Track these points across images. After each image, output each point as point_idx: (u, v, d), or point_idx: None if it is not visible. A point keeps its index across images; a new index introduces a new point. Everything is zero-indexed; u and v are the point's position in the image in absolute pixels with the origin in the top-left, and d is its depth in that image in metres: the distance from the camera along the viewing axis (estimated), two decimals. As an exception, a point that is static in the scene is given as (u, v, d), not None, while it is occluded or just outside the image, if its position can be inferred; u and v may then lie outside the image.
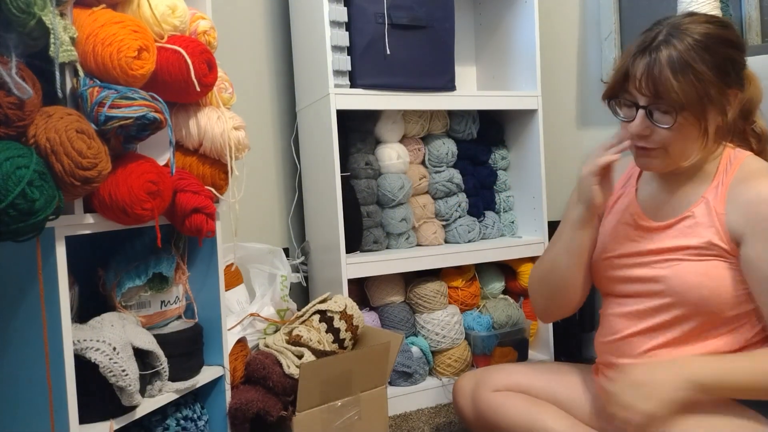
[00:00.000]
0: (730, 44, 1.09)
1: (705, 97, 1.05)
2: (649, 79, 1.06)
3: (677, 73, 1.04)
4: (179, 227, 1.21)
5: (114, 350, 1.04)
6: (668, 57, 1.05)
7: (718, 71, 1.06)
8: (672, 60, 1.05)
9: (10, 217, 0.85)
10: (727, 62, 1.07)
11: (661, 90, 1.05)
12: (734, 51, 1.09)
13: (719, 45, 1.07)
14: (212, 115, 1.28)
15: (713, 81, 1.05)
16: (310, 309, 1.55)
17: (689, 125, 1.07)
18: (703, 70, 1.04)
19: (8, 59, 0.87)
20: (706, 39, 1.06)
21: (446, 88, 2.00)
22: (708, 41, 1.06)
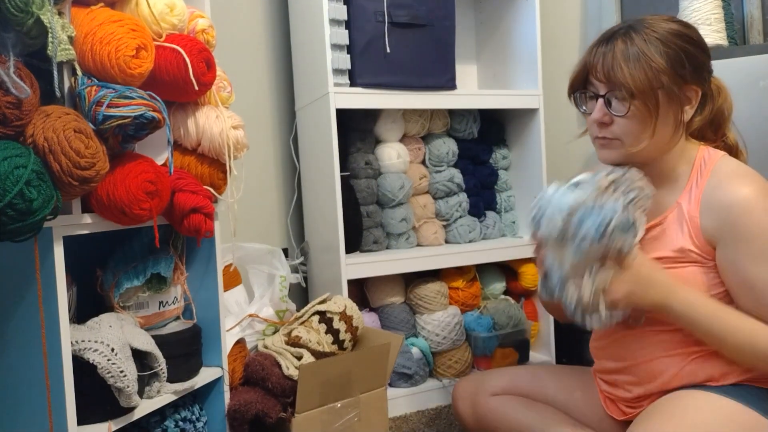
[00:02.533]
0: (688, 40, 1.10)
1: (656, 85, 1.06)
2: (603, 66, 1.09)
3: (629, 60, 1.07)
4: (177, 227, 1.21)
5: (112, 351, 1.03)
6: (623, 46, 1.08)
7: (672, 62, 1.07)
8: (626, 48, 1.08)
9: (8, 217, 0.85)
10: (683, 55, 1.08)
11: (613, 76, 1.08)
12: (694, 48, 1.10)
13: (676, 38, 1.09)
14: (211, 114, 1.27)
15: (665, 70, 1.06)
16: (310, 310, 1.55)
17: (644, 114, 1.08)
18: (655, 58, 1.06)
19: (6, 58, 0.86)
20: (664, 32, 1.09)
21: (447, 87, 2.00)
22: (665, 34, 1.08)
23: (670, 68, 1.07)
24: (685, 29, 1.12)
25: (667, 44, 1.08)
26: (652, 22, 1.11)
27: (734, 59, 1.78)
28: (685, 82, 1.09)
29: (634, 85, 1.06)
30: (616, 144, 1.13)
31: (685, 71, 1.09)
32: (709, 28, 1.86)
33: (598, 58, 1.11)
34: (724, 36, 1.88)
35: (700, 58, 1.12)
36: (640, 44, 1.07)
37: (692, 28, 1.13)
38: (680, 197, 1.14)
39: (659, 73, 1.06)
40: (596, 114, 1.13)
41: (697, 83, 1.11)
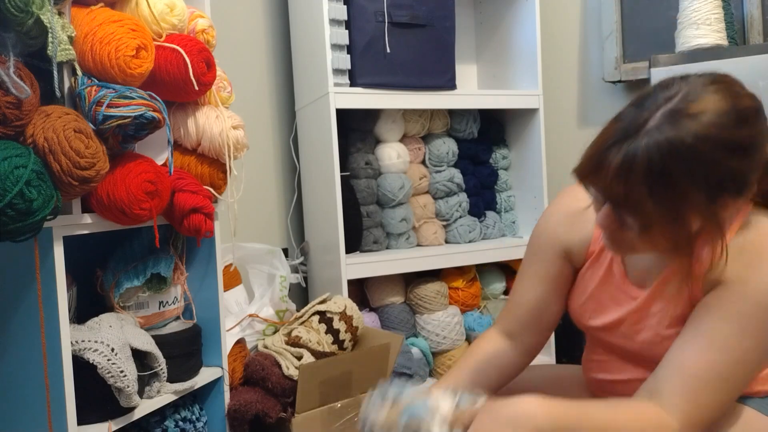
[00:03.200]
0: (739, 150, 0.81)
1: (681, 217, 0.82)
2: (619, 182, 0.82)
3: (653, 186, 0.80)
4: (177, 227, 1.21)
5: (112, 351, 1.03)
6: (647, 161, 0.80)
7: (710, 188, 0.80)
8: (651, 166, 0.79)
9: (8, 217, 0.85)
10: (729, 176, 0.81)
11: (629, 200, 0.83)
12: (744, 159, 0.81)
13: (722, 152, 0.80)
14: (211, 114, 1.27)
15: (699, 201, 0.81)
16: (310, 310, 1.55)
17: (660, 237, 0.85)
18: (687, 188, 0.80)
19: (6, 58, 0.86)
20: (706, 143, 0.79)
21: (447, 87, 2.00)
22: (707, 148, 0.79)
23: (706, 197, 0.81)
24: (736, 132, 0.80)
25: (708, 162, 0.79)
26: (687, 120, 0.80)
27: (734, 59, 1.78)
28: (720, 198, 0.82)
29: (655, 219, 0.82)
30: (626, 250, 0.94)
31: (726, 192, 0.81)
32: (708, 28, 1.86)
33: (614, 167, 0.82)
34: (724, 36, 1.88)
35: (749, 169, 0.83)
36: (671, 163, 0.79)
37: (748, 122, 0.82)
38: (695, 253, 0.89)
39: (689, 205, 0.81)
40: (602, 220, 0.89)
41: (738, 194, 0.83)
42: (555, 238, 1.09)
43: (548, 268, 1.10)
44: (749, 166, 0.82)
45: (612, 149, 0.83)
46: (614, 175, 0.82)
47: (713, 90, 0.83)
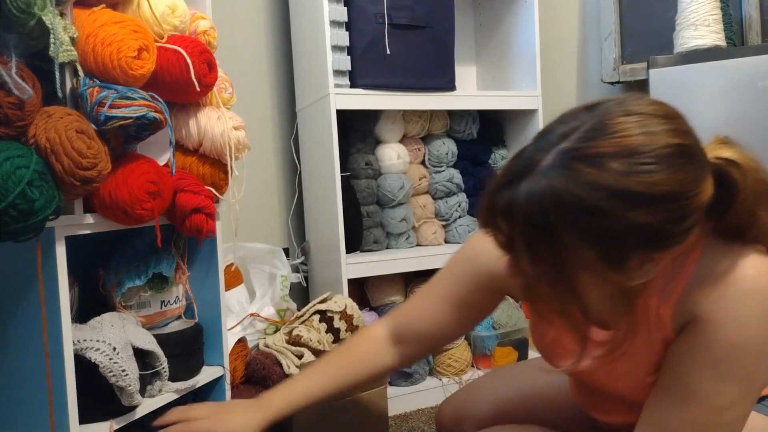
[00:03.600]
0: (647, 201, 0.66)
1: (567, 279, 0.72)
2: (501, 230, 0.74)
3: (532, 239, 0.70)
4: (179, 227, 1.21)
5: (114, 350, 1.03)
6: (527, 210, 0.69)
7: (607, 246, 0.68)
8: (530, 216, 0.69)
9: (10, 217, 0.85)
10: (634, 232, 0.67)
11: (512, 251, 0.74)
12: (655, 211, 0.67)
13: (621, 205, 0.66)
14: (212, 115, 1.28)
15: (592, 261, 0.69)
16: (310, 309, 1.55)
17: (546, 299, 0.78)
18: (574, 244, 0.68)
19: (8, 59, 0.87)
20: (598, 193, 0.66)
21: (446, 88, 2.00)
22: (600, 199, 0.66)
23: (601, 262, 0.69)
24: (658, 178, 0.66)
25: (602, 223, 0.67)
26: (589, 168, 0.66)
27: (733, 60, 1.79)
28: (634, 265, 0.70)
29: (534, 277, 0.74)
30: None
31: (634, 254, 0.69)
32: (707, 29, 1.86)
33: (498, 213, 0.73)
34: (723, 37, 1.89)
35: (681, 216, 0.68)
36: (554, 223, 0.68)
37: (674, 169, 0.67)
38: (647, 288, 0.78)
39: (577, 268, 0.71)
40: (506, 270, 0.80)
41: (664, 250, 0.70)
42: (483, 268, 0.99)
43: (464, 296, 1.02)
44: (666, 217, 0.67)
45: (500, 191, 0.73)
46: (499, 221, 0.73)
47: (620, 125, 0.68)
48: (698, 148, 0.71)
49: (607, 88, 2.37)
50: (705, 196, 0.69)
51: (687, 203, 0.67)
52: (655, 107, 0.71)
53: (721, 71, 1.79)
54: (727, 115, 1.79)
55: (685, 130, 0.71)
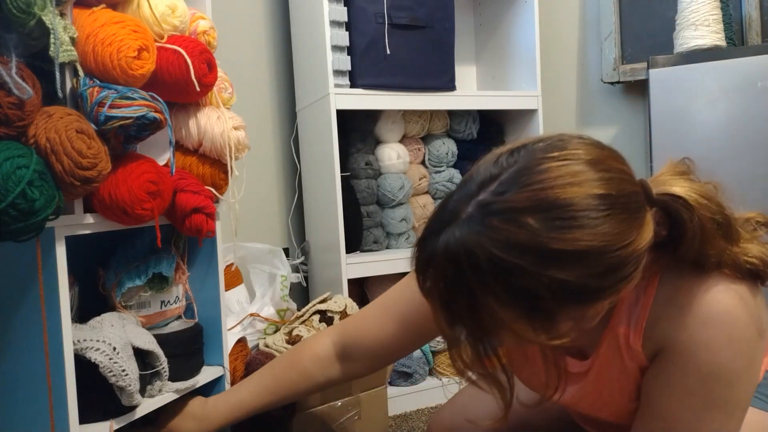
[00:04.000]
0: (566, 259, 0.62)
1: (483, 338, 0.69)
2: (422, 281, 0.71)
3: (446, 296, 0.67)
4: (179, 227, 1.21)
5: (114, 350, 1.03)
6: (442, 265, 0.66)
7: (527, 304, 0.64)
8: (445, 270, 0.66)
9: (10, 217, 0.85)
10: (555, 289, 0.63)
11: (430, 301, 0.71)
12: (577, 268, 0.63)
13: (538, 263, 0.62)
14: (212, 115, 1.28)
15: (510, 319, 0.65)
16: (310, 309, 1.55)
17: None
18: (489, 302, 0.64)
19: (8, 59, 0.87)
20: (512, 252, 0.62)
21: (446, 88, 2.00)
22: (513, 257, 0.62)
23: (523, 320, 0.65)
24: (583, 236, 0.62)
25: (520, 282, 0.63)
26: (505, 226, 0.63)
27: (733, 60, 1.79)
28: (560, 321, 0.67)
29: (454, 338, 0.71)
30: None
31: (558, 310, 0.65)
32: (707, 29, 1.86)
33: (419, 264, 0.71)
34: (723, 37, 1.89)
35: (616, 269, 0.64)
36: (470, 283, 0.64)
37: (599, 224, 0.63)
38: (613, 318, 0.78)
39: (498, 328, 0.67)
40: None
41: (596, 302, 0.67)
42: None
43: (417, 319, 0.98)
44: (591, 273, 0.63)
45: (424, 242, 0.70)
46: (418, 273, 0.70)
47: (539, 175, 0.64)
48: (629, 194, 0.66)
49: (607, 88, 2.37)
50: (642, 243, 0.66)
51: (617, 255, 0.63)
52: (583, 151, 0.66)
53: (721, 71, 1.79)
54: (727, 115, 1.79)
55: (615, 177, 0.65)
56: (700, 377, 0.72)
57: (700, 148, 1.81)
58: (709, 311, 0.71)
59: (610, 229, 0.62)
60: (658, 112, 1.87)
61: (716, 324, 0.70)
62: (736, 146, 1.78)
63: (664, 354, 0.74)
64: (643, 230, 0.66)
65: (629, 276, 0.66)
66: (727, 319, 0.70)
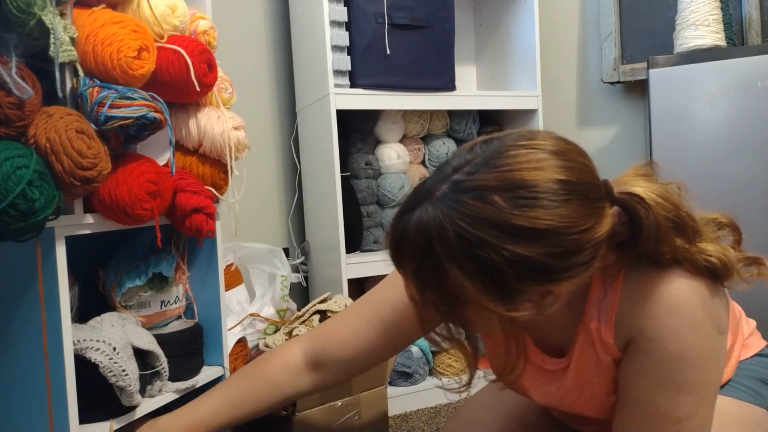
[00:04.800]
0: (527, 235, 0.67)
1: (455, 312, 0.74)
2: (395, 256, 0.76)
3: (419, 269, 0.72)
4: (179, 227, 1.21)
5: (114, 350, 1.03)
6: (414, 239, 0.71)
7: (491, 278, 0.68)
8: (416, 245, 0.71)
9: (11, 217, 0.85)
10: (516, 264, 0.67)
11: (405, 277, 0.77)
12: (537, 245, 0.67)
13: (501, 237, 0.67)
14: (212, 115, 1.28)
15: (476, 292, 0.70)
16: (310, 309, 1.55)
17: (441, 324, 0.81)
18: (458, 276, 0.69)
19: (8, 59, 0.87)
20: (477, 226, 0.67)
21: (446, 88, 2.00)
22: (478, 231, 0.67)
23: (484, 294, 0.69)
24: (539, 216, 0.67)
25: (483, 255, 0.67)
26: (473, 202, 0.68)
27: (733, 60, 1.79)
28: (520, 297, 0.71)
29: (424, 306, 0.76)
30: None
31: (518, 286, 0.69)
32: (707, 29, 1.86)
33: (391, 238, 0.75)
34: (723, 37, 1.89)
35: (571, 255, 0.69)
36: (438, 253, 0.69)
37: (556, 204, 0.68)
38: (585, 314, 0.82)
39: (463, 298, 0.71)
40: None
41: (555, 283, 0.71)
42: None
43: (396, 321, 0.99)
44: (550, 252, 0.67)
45: (398, 219, 0.74)
46: (392, 248, 0.75)
47: (508, 159, 0.70)
48: (588, 184, 0.71)
49: (607, 88, 2.37)
50: (599, 232, 0.70)
51: (574, 238, 0.68)
52: (550, 143, 0.72)
53: (721, 71, 1.79)
54: (727, 115, 1.79)
55: (576, 167, 0.71)
56: (669, 362, 0.76)
57: (700, 149, 1.81)
58: (671, 300, 0.75)
59: (568, 212, 0.68)
60: (658, 112, 1.87)
61: (679, 311, 0.75)
62: (736, 146, 1.78)
63: (634, 344, 0.78)
64: (601, 221, 0.71)
65: (586, 263, 0.70)
66: (689, 305, 0.75)
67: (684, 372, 0.76)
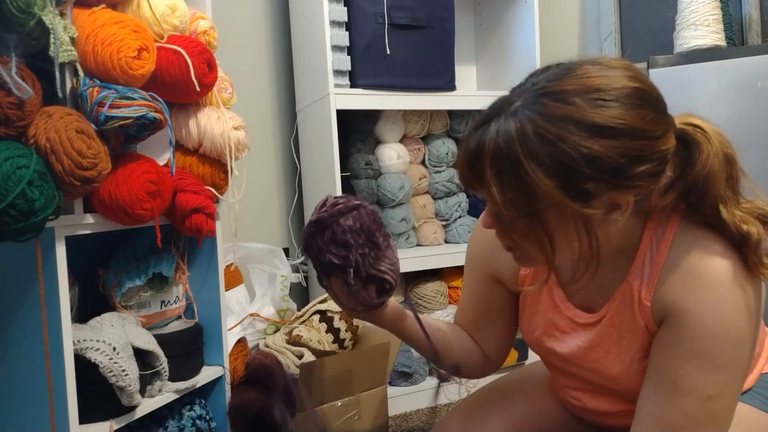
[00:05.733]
0: (603, 132, 0.71)
1: (537, 208, 0.75)
2: (471, 169, 0.78)
3: (500, 173, 0.74)
4: (179, 227, 1.21)
5: (114, 350, 1.04)
6: (494, 144, 0.74)
7: (567, 175, 0.72)
8: (497, 150, 0.74)
9: (11, 217, 0.85)
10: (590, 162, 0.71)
11: (484, 190, 0.78)
12: (612, 144, 0.71)
13: (578, 133, 0.71)
14: (212, 115, 1.28)
15: (553, 190, 0.72)
16: (310, 309, 1.55)
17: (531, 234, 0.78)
18: (536, 175, 0.72)
19: (8, 59, 0.87)
20: (558, 123, 0.72)
21: (446, 88, 2.00)
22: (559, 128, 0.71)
23: (560, 190, 0.72)
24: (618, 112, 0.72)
25: (561, 152, 0.71)
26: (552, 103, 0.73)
27: (733, 60, 1.79)
28: (593, 198, 0.73)
29: (504, 207, 0.76)
30: (517, 253, 0.84)
31: (592, 186, 0.72)
32: (707, 29, 1.86)
33: (462, 153, 0.79)
34: (723, 37, 1.89)
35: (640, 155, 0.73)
36: (518, 152, 0.72)
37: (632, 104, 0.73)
38: (630, 272, 0.84)
39: (541, 197, 0.73)
40: (484, 219, 0.83)
41: (624, 189, 0.74)
42: (482, 261, 1.03)
43: (484, 289, 1.04)
44: (623, 153, 0.71)
45: (472, 134, 0.78)
46: (467, 161, 0.78)
47: (583, 70, 0.76)
48: (659, 97, 0.77)
49: (607, 88, 2.37)
50: (667, 144, 0.75)
51: (645, 144, 0.73)
52: (620, 62, 0.78)
53: (721, 71, 1.79)
54: (727, 115, 1.79)
55: (647, 80, 0.76)
56: (708, 338, 0.78)
57: (700, 148, 1.81)
58: (715, 277, 0.77)
59: (641, 117, 0.72)
60: (658, 112, 1.86)
61: (722, 290, 0.77)
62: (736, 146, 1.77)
63: (673, 318, 0.80)
64: (669, 133, 0.75)
65: (653, 176, 0.74)
66: (731, 284, 0.77)
67: (721, 350, 0.77)
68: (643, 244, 0.84)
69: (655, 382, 0.82)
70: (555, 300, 0.95)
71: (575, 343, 0.93)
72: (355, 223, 0.90)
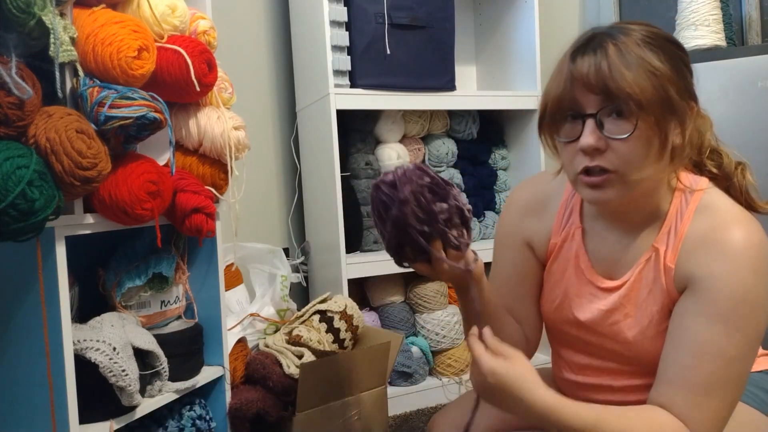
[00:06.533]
0: (679, 47, 0.90)
1: (665, 97, 0.84)
2: (598, 75, 0.85)
3: (630, 66, 0.84)
4: (179, 227, 1.21)
5: (114, 350, 1.04)
6: (616, 50, 0.85)
7: (674, 69, 0.86)
8: (621, 53, 0.85)
9: (10, 217, 0.85)
10: (681, 63, 0.88)
11: (614, 87, 0.84)
12: (685, 56, 0.90)
13: (669, 43, 0.89)
14: (212, 115, 1.28)
15: (672, 79, 0.85)
16: (310, 309, 1.55)
17: (648, 134, 0.85)
18: (658, 65, 0.85)
19: (8, 59, 0.87)
20: (654, 36, 0.88)
21: (446, 88, 2.00)
22: (656, 39, 0.88)
23: (675, 77, 0.86)
24: (669, 34, 0.92)
25: (664, 49, 0.87)
26: (631, 25, 0.90)
27: (733, 60, 1.79)
28: (688, 95, 0.89)
29: (643, 96, 0.83)
30: (613, 179, 0.87)
31: (687, 82, 0.89)
32: (707, 29, 1.87)
33: (587, 67, 0.86)
34: (723, 37, 1.89)
35: (691, 71, 0.91)
36: (636, 49, 0.85)
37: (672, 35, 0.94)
38: (657, 239, 0.93)
39: (666, 82, 0.84)
40: (589, 138, 0.86)
41: (694, 99, 0.90)
42: (515, 229, 1.09)
43: (515, 259, 1.09)
44: (692, 72, 0.91)
45: (575, 61, 0.89)
46: (590, 71, 0.86)
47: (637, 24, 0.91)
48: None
49: (607, 88, 2.37)
50: (691, 85, 0.90)
51: (689, 71, 0.90)
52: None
53: (721, 71, 1.79)
54: (727, 115, 1.79)
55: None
56: (732, 301, 0.84)
57: (700, 148, 1.81)
58: (737, 247, 0.85)
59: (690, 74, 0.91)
60: (658, 112, 1.86)
61: (744, 257, 0.84)
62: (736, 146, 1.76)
63: (697, 284, 0.87)
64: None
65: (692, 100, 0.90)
66: (754, 253, 0.84)
67: (743, 314, 0.84)
68: (670, 214, 0.92)
69: (677, 346, 0.87)
70: (580, 265, 1.01)
71: (596, 307, 0.98)
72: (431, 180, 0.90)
